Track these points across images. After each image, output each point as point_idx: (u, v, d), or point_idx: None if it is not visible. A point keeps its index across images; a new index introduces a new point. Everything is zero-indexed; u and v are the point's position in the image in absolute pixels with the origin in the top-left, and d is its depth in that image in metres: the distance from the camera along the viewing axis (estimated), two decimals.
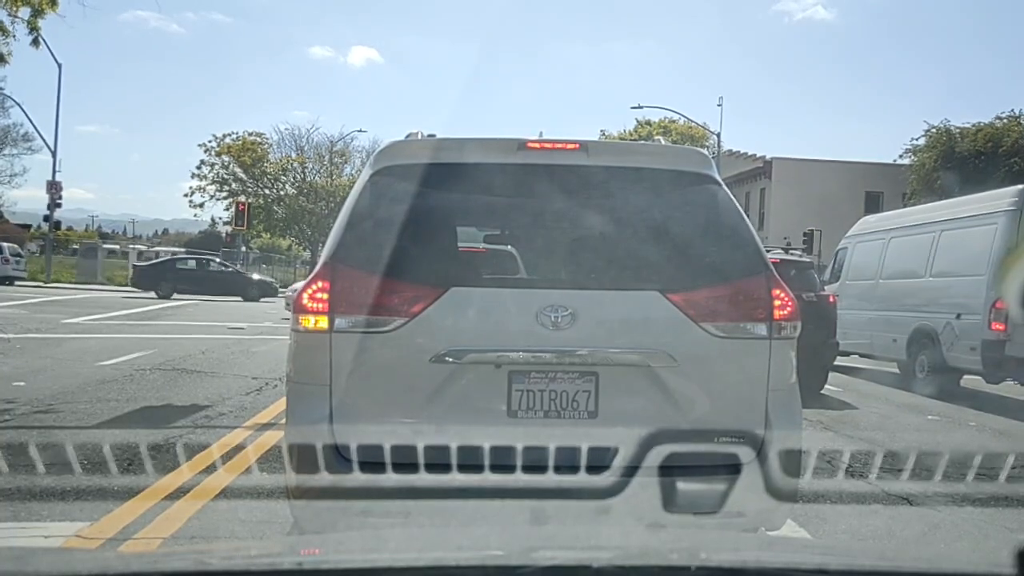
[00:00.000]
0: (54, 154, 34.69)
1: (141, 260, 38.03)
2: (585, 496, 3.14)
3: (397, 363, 3.27)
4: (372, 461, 3.09)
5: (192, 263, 31.90)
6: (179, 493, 4.42)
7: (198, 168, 47.98)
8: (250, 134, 48.72)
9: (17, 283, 31.19)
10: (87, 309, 19.07)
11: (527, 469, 3.07)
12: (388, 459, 3.07)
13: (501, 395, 3.23)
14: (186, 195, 48.09)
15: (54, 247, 40.44)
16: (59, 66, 33.92)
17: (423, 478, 3.04)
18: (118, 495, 4.31)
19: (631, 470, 3.16)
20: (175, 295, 27.33)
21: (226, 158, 47.97)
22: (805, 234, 27.63)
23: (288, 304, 13.09)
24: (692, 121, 44.08)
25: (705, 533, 3.16)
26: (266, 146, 49.21)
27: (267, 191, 49.20)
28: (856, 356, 13.22)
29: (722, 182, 3.70)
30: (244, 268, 38.74)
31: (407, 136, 4.00)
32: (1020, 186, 10.69)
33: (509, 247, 4.63)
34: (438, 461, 3.05)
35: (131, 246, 53.16)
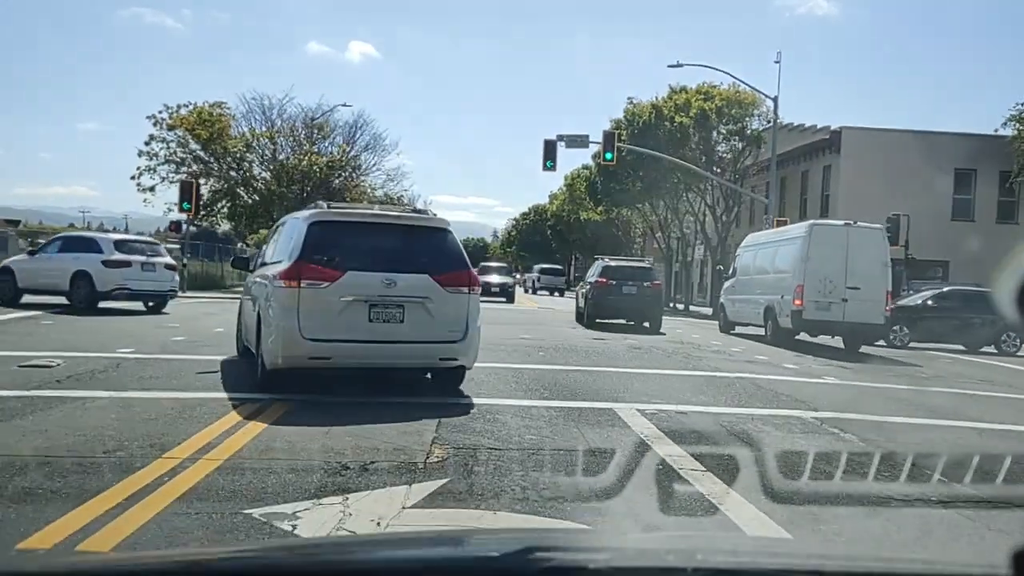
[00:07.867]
0: None
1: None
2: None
3: (325, 301, 7.95)
4: (318, 338, 7.86)
5: None
6: None
7: (147, 144, 37.12)
8: (210, 104, 38.05)
9: None
10: None
11: (377, 341, 8.07)
12: (324, 337, 7.88)
13: (366, 313, 8.04)
14: (132, 177, 37.13)
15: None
16: None
17: (341, 346, 7.91)
18: None
19: (414, 342, 8.16)
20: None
21: (180, 132, 37.33)
22: (889, 219, 23.55)
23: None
24: (743, 83, 34.71)
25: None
26: (229, 118, 38.54)
27: (233, 172, 38.96)
28: (751, 326, 20.73)
29: (453, 231, 8.86)
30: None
31: (328, 206, 9.07)
32: (810, 221, 20.14)
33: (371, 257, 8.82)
34: (345, 338, 7.93)
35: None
